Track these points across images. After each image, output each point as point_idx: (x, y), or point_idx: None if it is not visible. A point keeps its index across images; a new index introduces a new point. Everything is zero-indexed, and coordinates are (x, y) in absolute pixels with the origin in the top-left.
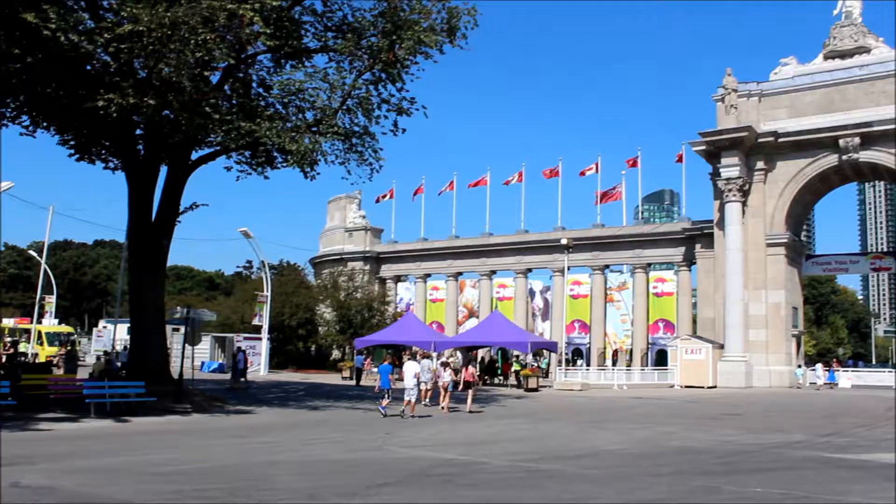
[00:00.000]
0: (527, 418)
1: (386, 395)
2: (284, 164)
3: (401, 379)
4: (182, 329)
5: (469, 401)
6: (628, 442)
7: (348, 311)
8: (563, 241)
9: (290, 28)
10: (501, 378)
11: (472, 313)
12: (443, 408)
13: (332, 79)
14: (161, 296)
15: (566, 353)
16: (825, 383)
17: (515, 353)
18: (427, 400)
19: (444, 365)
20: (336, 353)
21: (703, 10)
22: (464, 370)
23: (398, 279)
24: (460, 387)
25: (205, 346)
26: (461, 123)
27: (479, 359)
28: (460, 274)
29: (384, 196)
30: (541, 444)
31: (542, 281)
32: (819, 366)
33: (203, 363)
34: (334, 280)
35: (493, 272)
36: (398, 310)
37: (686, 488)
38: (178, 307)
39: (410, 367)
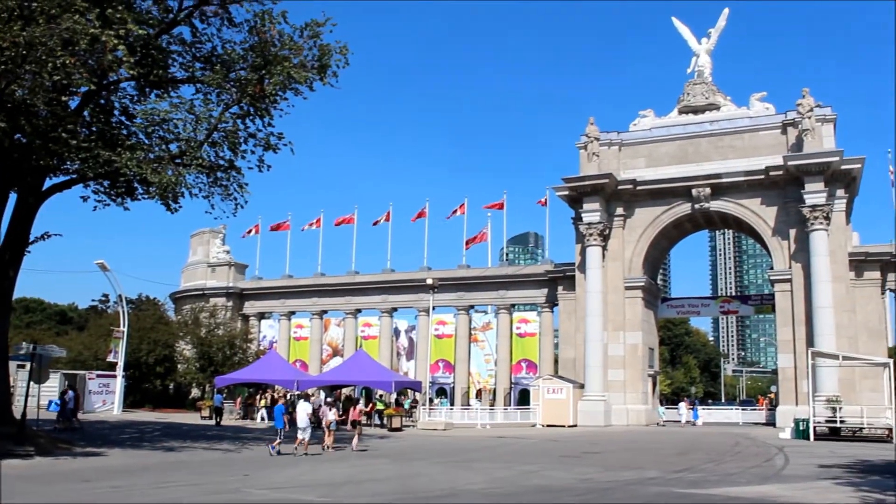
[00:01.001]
0: (390, 458)
1: (279, 435)
2: (146, 196)
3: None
4: (28, 365)
5: (356, 439)
6: (489, 481)
7: (209, 348)
8: (429, 281)
9: (156, 56)
10: (366, 418)
11: (336, 352)
12: (327, 447)
13: (199, 110)
14: (4, 330)
15: (430, 393)
16: (688, 421)
17: (380, 392)
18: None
19: (329, 405)
20: (195, 392)
21: (569, 62)
22: (351, 409)
23: (262, 316)
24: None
25: (53, 383)
26: (330, 160)
27: (342, 398)
28: (325, 312)
29: (249, 231)
30: (403, 485)
31: (407, 320)
32: (682, 404)
33: (51, 402)
34: (195, 316)
35: (359, 311)
36: (261, 347)
37: None
38: (25, 342)
39: (303, 408)
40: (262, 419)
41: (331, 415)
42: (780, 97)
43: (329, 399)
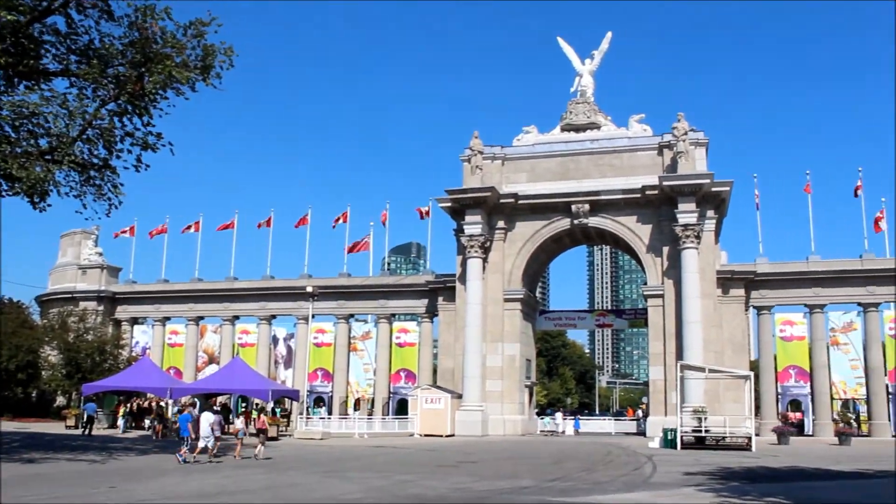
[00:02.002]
0: (265, 468)
1: (185, 444)
2: (10, 193)
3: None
4: None
5: (260, 447)
6: (365, 491)
7: (77, 353)
8: (309, 289)
9: (27, 45)
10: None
11: (212, 359)
12: (234, 456)
13: (73, 105)
14: None
15: (308, 402)
16: (562, 431)
17: (256, 400)
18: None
19: (240, 415)
20: (61, 400)
21: (457, 74)
22: (257, 418)
23: (135, 321)
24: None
25: None
26: (212, 164)
27: (217, 406)
28: (202, 318)
29: (123, 231)
30: (276, 495)
31: (286, 328)
32: (559, 414)
33: None
34: (63, 320)
35: (237, 317)
36: (133, 354)
37: None
38: None
39: (206, 417)
40: (124, 428)
41: (239, 423)
42: (657, 120)
43: (217, 408)
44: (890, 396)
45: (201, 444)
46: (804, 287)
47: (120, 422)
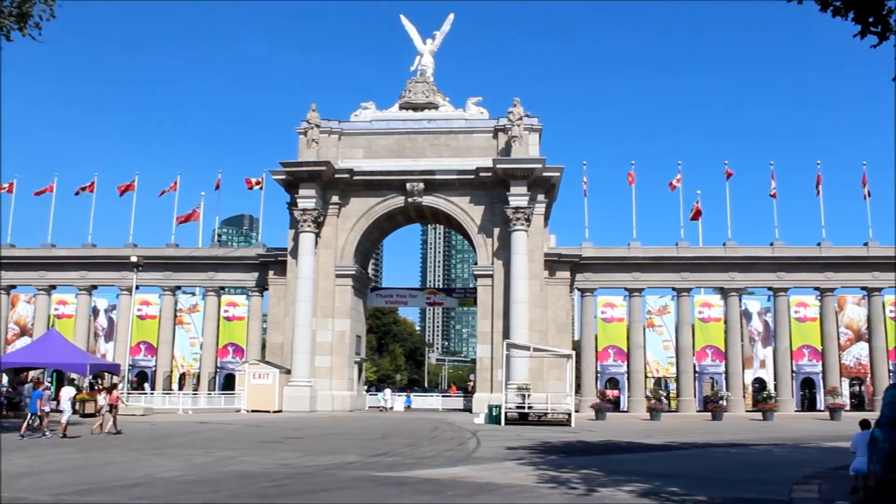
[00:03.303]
0: (78, 446)
1: (31, 420)
2: None
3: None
4: None
5: (113, 422)
6: (187, 468)
7: None
8: (134, 259)
9: None
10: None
11: (25, 332)
12: (95, 432)
13: None
14: None
15: (131, 377)
16: (406, 407)
17: (73, 375)
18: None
19: (100, 390)
20: None
21: (297, 45)
22: (108, 394)
23: None
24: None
25: None
26: (33, 125)
27: (28, 381)
28: (13, 287)
29: None
30: (91, 475)
31: (108, 299)
32: (388, 390)
33: None
34: None
35: (53, 287)
36: None
37: None
38: None
39: (67, 392)
40: None
41: (101, 399)
42: (494, 104)
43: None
44: (696, 375)
45: (64, 418)
46: (625, 271)
47: None
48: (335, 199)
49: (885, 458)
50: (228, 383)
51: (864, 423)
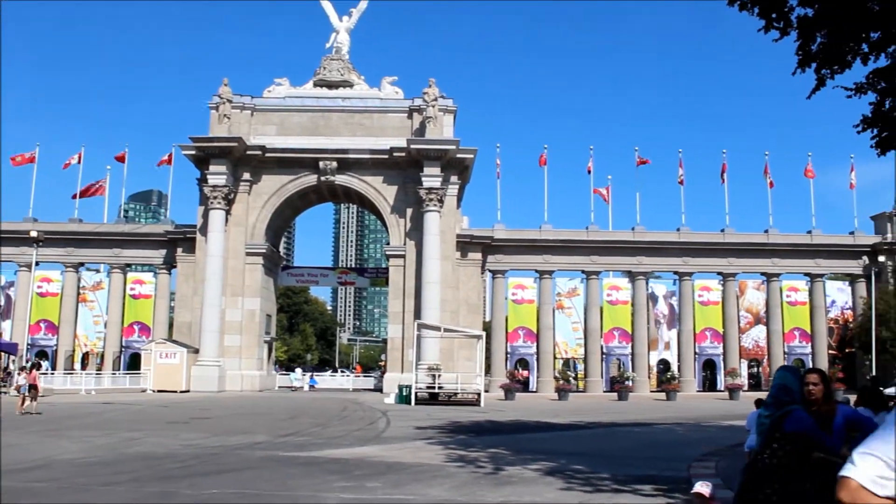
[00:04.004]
0: None
1: None
2: None
3: None
4: None
5: (31, 402)
6: (87, 450)
7: None
8: (33, 234)
9: None
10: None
11: None
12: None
13: None
14: None
15: (29, 356)
16: (311, 387)
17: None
18: None
19: (22, 369)
20: None
21: (211, 19)
22: (28, 374)
23: None
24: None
25: None
26: None
27: None
28: None
29: None
30: None
31: (5, 276)
32: (299, 370)
33: None
34: None
35: None
36: None
37: (142, 495)
38: None
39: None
40: None
41: (21, 378)
42: (409, 84)
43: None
44: (604, 356)
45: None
46: (536, 254)
47: None
48: (247, 176)
49: (762, 435)
50: (134, 363)
51: (759, 402)
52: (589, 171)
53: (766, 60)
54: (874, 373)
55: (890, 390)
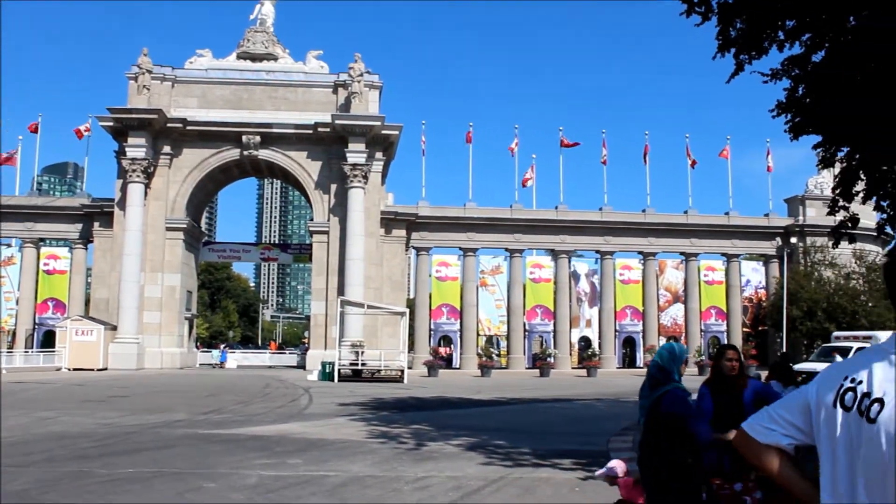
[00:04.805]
0: None
1: None
2: None
3: None
4: None
5: None
6: None
7: None
8: None
9: None
10: None
11: None
12: None
13: None
14: None
15: None
16: (218, 363)
17: None
18: None
19: None
20: None
21: None
22: None
23: None
24: None
25: None
26: None
27: None
28: None
29: None
30: None
31: None
32: (222, 347)
33: None
34: None
35: None
36: None
37: (56, 475)
38: None
39: None
40: None
41: None
42: (335, 58)
43: None
44: (526, 333)
45: None
46: (460, 231)
47: None
48: (167, 149)
49: (644, 415)
50: (48, 341)
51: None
52: (512, 153)
53: (692, 43)
54: (785, 349)
55: (800, 366)
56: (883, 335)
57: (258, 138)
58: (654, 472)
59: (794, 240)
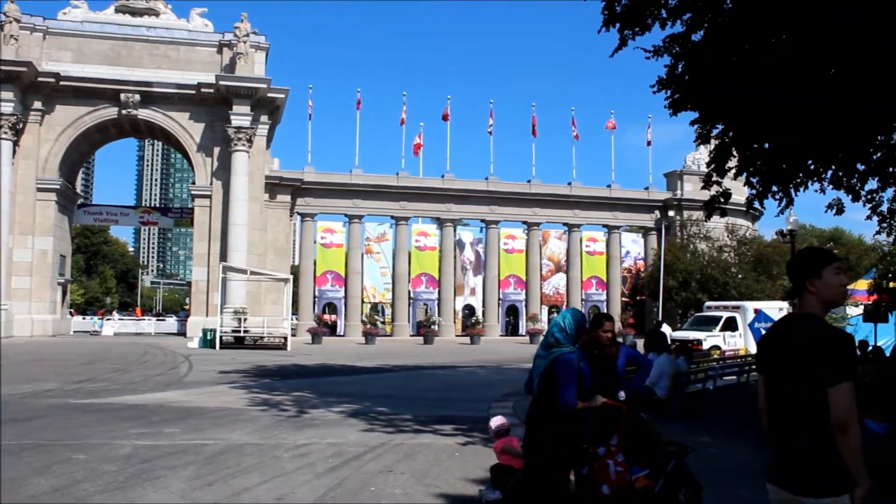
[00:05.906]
0: None
1: None
2: None
3: None
4: None
5: None
6: None
7: None
8: None
9: None
10: None
11: None
12: None
13: None
14: None
15: None
16: (95, 330)
17: None
18: None
19: None
20: None
21: None
22: None
23: None
24: None
25: None
26: None
27: None
28: None
29: None
30: None
31: None
32: (116, 315)
33: None
34: None
35: None
36: None
37: None
38: None
39: None
40: None
41: None
42: (220, 17)
43: None
44: (411, 301)
45: None
46: (346, 198)
47: None
48: (38, 105)
49: (538, 377)
50: None
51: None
52: (402, 123)
53: (583, 14)
54: (661, 318)
55: (674, 334)
56: (749, 305)
57: (137, 97)
58: (534, 432)
59: (671, 213)
